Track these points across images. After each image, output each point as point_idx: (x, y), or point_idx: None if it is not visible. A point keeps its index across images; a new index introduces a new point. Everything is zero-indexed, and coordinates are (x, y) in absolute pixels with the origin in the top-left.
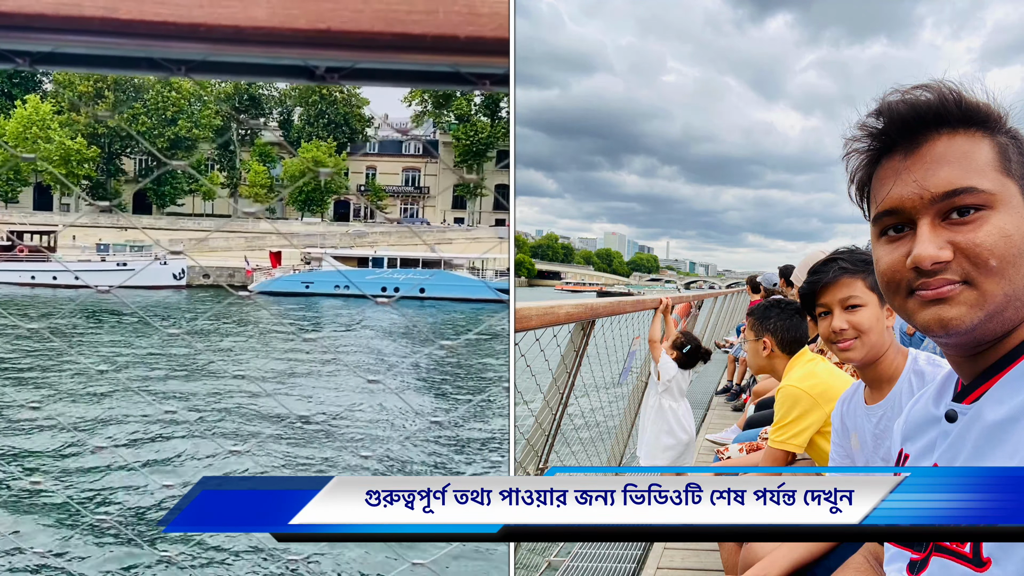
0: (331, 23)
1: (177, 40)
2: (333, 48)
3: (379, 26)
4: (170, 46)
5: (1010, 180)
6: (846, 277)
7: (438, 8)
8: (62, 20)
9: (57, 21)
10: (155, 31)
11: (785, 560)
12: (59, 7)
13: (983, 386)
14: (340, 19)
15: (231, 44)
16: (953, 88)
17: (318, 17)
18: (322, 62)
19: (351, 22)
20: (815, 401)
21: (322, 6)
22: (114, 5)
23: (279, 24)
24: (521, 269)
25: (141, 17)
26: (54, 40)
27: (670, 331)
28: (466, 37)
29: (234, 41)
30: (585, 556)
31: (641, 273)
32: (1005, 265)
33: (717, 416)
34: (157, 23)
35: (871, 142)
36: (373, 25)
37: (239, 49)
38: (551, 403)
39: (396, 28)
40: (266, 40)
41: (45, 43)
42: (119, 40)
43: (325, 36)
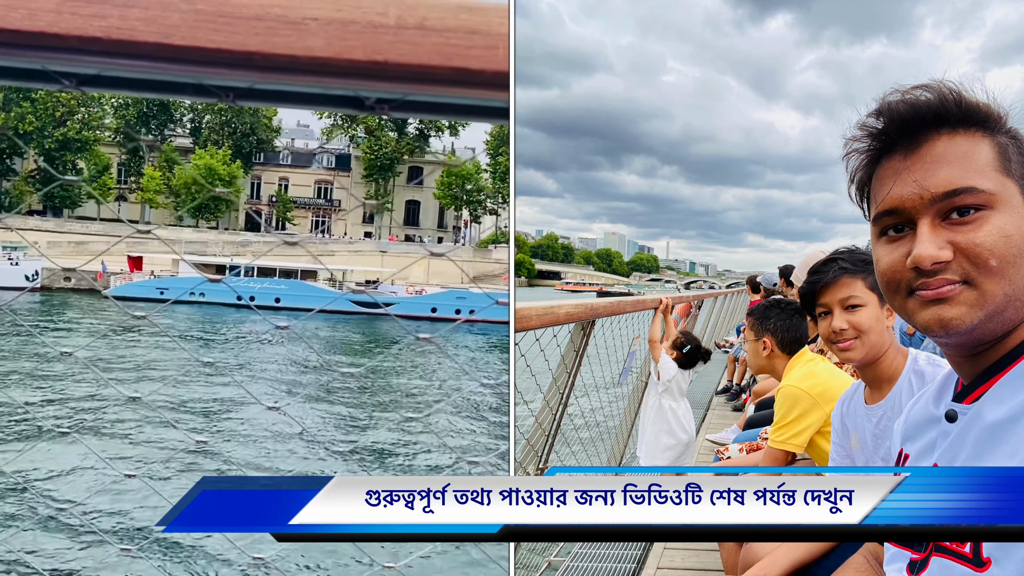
0: (389, 55)
1: (230, 68)
2: (388, 80)
3: (437, 60)
4: (222, 73)
5: (1010, 180)
6: (846, 277)
7: (499, 45)
8: (115, 44)
9: (110, 45)
10: (208, 58)
11: (785, 560)
12: (112, 31)
13: (983, 386)
14: (398, 52)
15: (285, 73)
16: (953, 88)
17: (376, 49)
18: (373, 93)
19: (409, 55)
20: (815, 401)
21: (381, 38)
22: (168, 31)
23: (335, 55)
24: (521, 269)
25: (195, 44)
26: (105, 63)
27: (670, 331)
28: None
29: (288, 70)
30: (585, 556)
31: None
32: (1005, 265)
33: (717, 416)
34: (211, 50)
35: (871, 142)
36: (431, 59)
37: (291, 78)
38: (551, 403)
39: (455, 63)
40: (321, 70)
41: (95, 66)
42: (170, 66)
43: (382, 68)
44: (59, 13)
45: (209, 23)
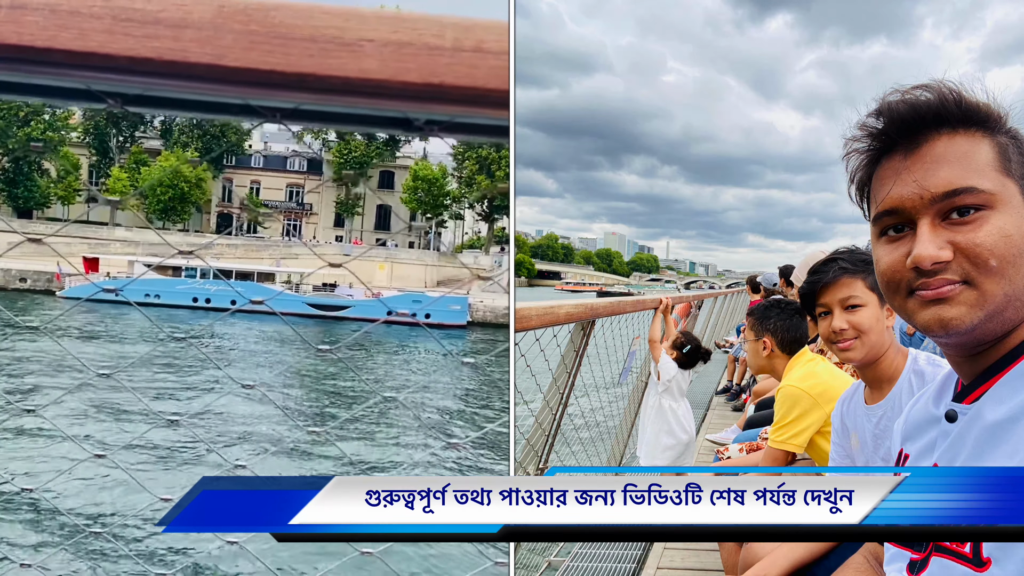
0: (444, 78)
1: (283, 89)
2: (442, 102)
3: (494, 83)
4: (273, 94)
5: (1010, 180)
6: (846, 277)
7: None
8: (166, 65)
9: (161, 65)
10: (261, 80)
11: (785, 560)
12: (164, 52)
13: (983, 386)
14: (455, 74)
15: (337, 95)
16: (953, 88)
17: (431, 72)
18: (423, 115)
19: (466, 77)
20: (815, 401)
21: (437, 61)
22: (221, 52)
23: (390, 77)
24: (521, 269)
25: (248, 65)
26: (155, 84)
27: (670, 331)
28: None
29: (341, 92)
30: (585, 556)
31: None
32: (1005, 265)
33: (717, 416)
34: (264, 71)
35: (871, 142)
36: (488, 82)
37: (344, 100)
38: (551, 403)
39: (507, 85)
40: (374, 92)
41: (144, 86)
42: (221, 87)
43: (436, 90)
44: (111, 33)
45: (262, 44)
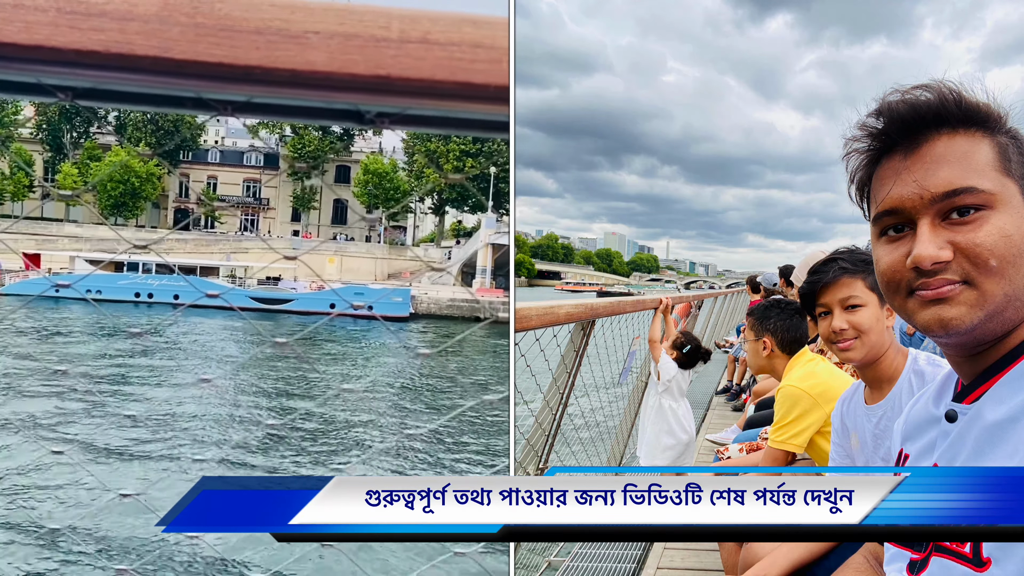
0: (391, 70)
1: (230, 82)
2: (390, 94)
3: (441, 74)
4: (221, 87)
5: (1010, 180)
6: (846, 277)
7: (502, 59)
8: (113, 57)
9: (108, 58)
10: (208, 72)
11: (785, 560)
12: (110, 45)
13: (983, 386)
14: (401, 66)
15: (285, 87)
16: (953, 88)
17: (378, 64)
18: (374, 107)
19: (412, 69)
20: (815, 401)
21: (383, 52)
22: (167, 45)
23: (337, 69)
24: (521, 269)
25: (195, 58)
26: (102, 77)
27: (670, 331)
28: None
29: (289, 84)
30: (585, 556)
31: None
32: (1005, 265)
33: (717, 416)
34: (211, 64)
35: (871, 142)
36: (435, 73)
37: (292, 92)
38: (551, 403)
39: (459, 77)
40: (322, 84)
41: (92, 79)
42: (169, 79)
43: (383, 82)
44: (56, 26)
45: (209, 37)
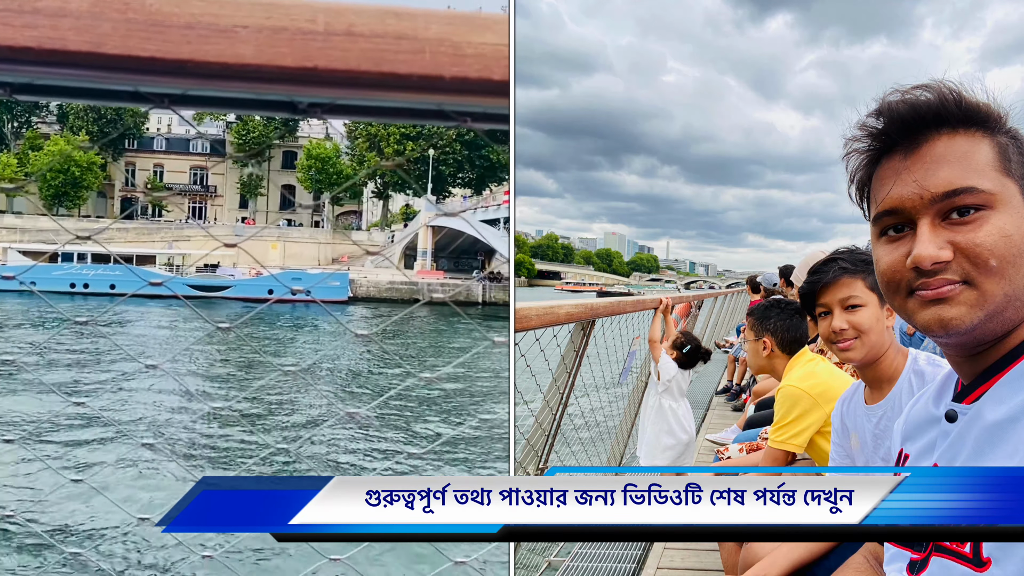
0: (318, 61)
1: (163, 75)
2: (318, 85)
3: (366, 65)
4: (155, 81)
5: (1010, 180)
6: (846, 277)
7: (425, 49)
8: (46, 53)
9: (42, 54)
10: (141, 66)
11: (785, 560)
12: (43, 41)
13: (983, 386)
14: (327, 57)
15: (217, 80)
16: (953, 88)
17: (305, 56)
18: (305, 98)
19: (339, 60)
20: (815, 401)
21: (310, 45)
22: (100, 40)
23: (266, 61)
24: (521, 269)
25: (127, 52)
26: (37, 72)
27: (670, 331)
28: (451, 77)
29: (220, 77)
30: (585, 556)
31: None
32: (1005, 265)
33: (717, 416)
34: (144, 59)
35: (871, 142)
36: (360, 64)
37: (224, 84)
38: (551, 403)
39: (383, 67)
40: (252, 77)
41: (27, 75)
42: (103, 74)
43: (311, 74)
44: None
45: (140, 32)
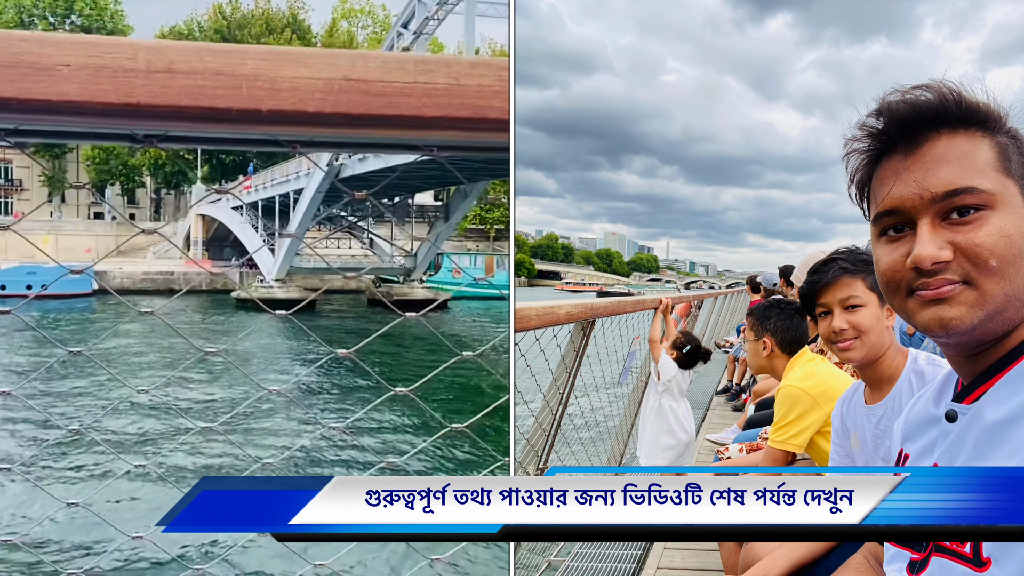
0: (140, 98)
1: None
2: (143, 119)
3: (186, 100)
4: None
5: (1010, 180)
6: (846, 277)
7: (241, 85)
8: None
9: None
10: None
11: (785, 560)
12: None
13: (983, 386)
14: (149, 94)
15: (42, 115)
16: (953, 88)
17: (128, 92)
18: (139, 130)
19: (159, 96)
20: (815, 401)
21: (133, 82)
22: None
23: (89, 98)
24: (521, 269)
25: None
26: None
27: (670, 331)
28: (268, 111)
29: (45, 112)
30: (585, 556)
31: (641, 273)
32: (1005, 265)
33: (717, 416)
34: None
35: (871, 142)
36: (180, 99)
37: (51, 120)
38: (551, 403)
39: (203, 102)
40: (77, 112)
41: None
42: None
43: (135, 109)
44: None
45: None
